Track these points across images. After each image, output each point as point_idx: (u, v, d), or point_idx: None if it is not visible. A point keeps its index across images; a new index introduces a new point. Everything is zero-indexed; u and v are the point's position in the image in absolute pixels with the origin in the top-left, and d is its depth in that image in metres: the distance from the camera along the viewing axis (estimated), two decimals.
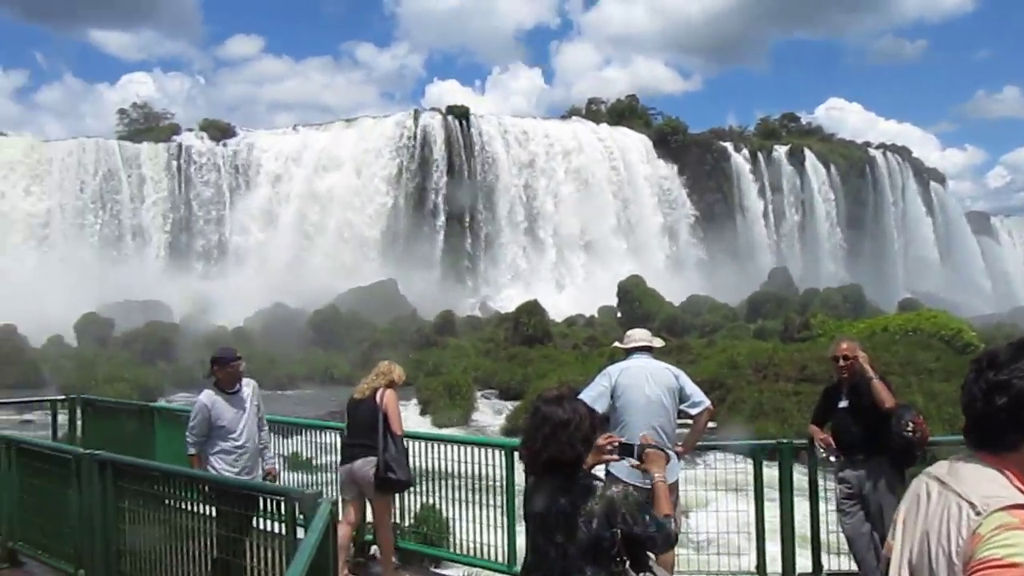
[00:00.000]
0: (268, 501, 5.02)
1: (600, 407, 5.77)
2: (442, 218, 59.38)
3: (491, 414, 27.95)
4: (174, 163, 58.47)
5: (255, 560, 5.06)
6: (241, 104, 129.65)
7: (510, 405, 27.79)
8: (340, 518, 6.39)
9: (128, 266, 53.14)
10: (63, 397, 10.94)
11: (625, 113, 72.33)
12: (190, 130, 62.20)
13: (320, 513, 4.22)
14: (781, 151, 71.93)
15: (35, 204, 54.74)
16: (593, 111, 73.73)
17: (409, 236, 58.19)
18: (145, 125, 65.68)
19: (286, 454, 8.79)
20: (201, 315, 44.07)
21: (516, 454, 6.49)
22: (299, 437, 8.31)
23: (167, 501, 5.76)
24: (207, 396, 6.55)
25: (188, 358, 35.61)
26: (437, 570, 7.47)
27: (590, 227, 62.06)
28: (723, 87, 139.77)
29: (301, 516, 4.67)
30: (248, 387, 6.70)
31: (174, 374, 33.95)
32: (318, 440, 8.14)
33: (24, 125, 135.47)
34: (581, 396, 5.86)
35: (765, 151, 71.35)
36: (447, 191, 59.50)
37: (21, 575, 7.10)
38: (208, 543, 5.51)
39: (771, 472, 6.63)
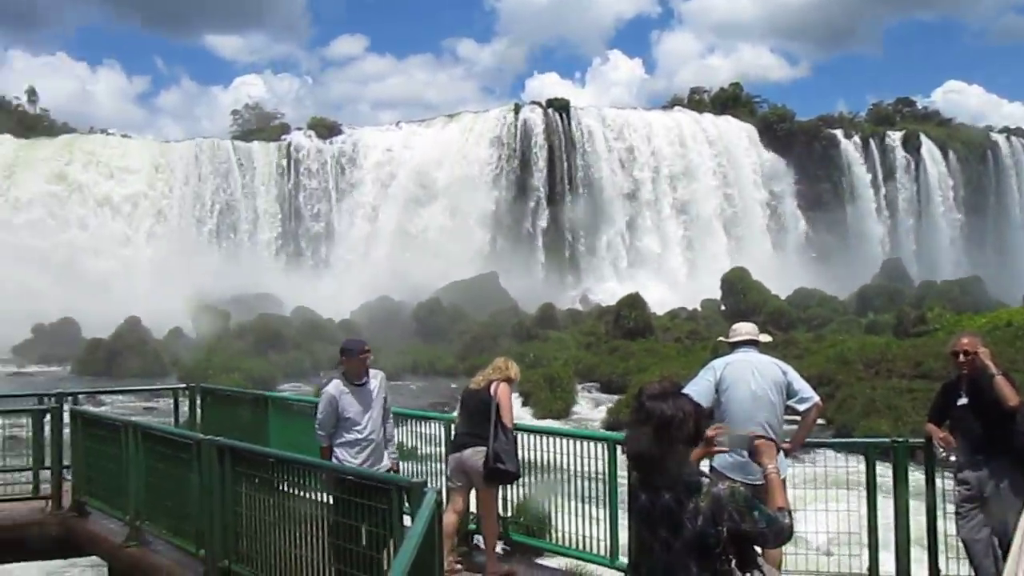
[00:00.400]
0: (375, 489, 5.14)
1: (704, 402, 5.69)
2: (543, 212, 59.48)
3: (592, 407, 27.90)
4: (283, 161, 60.60)
5: (363, 546, 5.20)
6: (346, 103, 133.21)
7: (612, 398, 27.69)
8: (446, 506, 6.54)
9: (242, 261, 55.38)
10: (184, 386, 11.49)
11: (729, 102, 70.74)
12: (299, 129, 64.37)
13: (426, 502, 4.30)
14: (895, 137, 68.84)
15: (155, 203, 57.66)
16: (696, 100, 72.42)
17: (510, 230, 58.53)
18: (256, 125, 68.37)
19: None
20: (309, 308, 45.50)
21: (619, 447, 6.46)
22: (403, 427, 8.48)
23: (280, 486, 5.98)
24: (335, 387, 6.48)
25: (298, 350, 36.99)
26: (539, 561, 7.50)
27: (692, 218, 60.99)
28: (833, 73, 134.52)
29: (407, 505, 4.79)
30: (376, 379, 6.61)
31: (285, 365, 35.20)
32: (422, 430, 8.29)
33: (146, 128, 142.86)
34: (684, 391, 5.81)
35: (877, 137, 68.47)
36: (548, 183, 59.55)
37: (148, 553, 7.49)
38: (319, 528, 5.70)
39: (883, 471, 6.40)
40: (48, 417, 9.23)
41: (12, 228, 54.09)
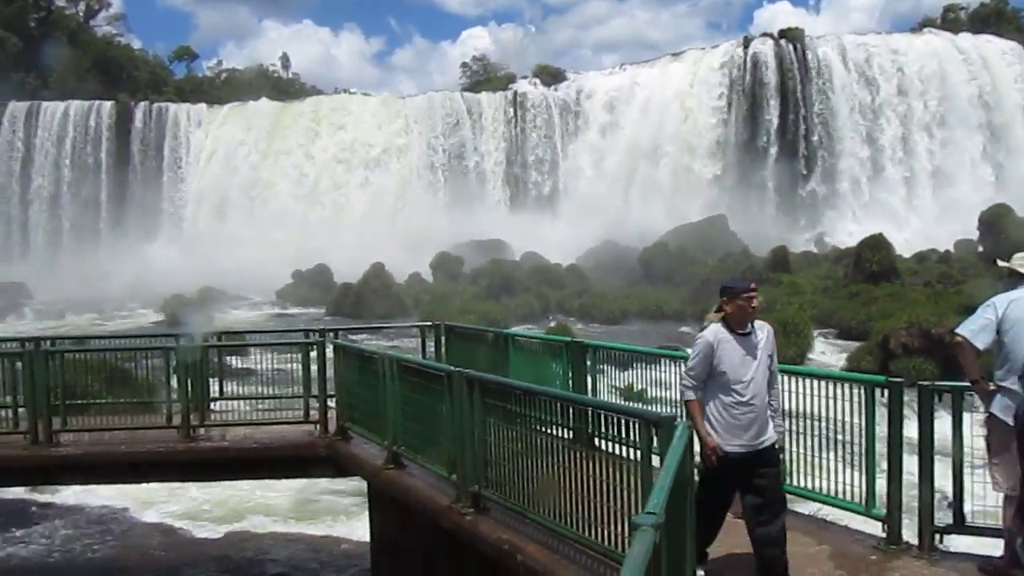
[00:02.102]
0: (623, 423, 5.15)
1: (982, 342, 5.23)
2: (774, 150, 56.56)
3: (830, 354, 26.63)
4: (510, 109, 61.90)
5: (608, 480, 5.25)
6: (569, 48, 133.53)
7: (851, 345, 26.23)
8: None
9: (473, 209, 57.54)
10: (430, 323, 12.17)
11: (991, 18, 63.12)
12: (524, 77, 65.33)
13: (677, 436, 4.25)
14: None
15: (394, 156, 61.14)
16: (951, 20, 65.30)
17: (739, 171, 56.30)
18: (484, 76, 70.28)
19: (620, 385, 9.02)
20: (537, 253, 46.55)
21: (878, 391, 6.06)
22: (637, 367, 8.47)
23: (526, 418, 6.15)
24: (713, 332, 5.39)
25: (527, 293, 38.24)
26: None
27: (945, 152, 55.41)
28: None
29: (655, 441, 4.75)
30: (762, 331, 5.51)
31: (516, 308, 36.42)
32: (654, 370, 8.23)
33: (383, 86, 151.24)
34: (959, 330, 5.31)
35: None
36: (780, 121, 56.52)
37: (404, 476, 8.07)
38: (562, 460, 5.83)
39: None
40: (314, 350, 10.15)
41: (273, 184, 59.78)
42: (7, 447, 9.83)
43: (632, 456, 5.04)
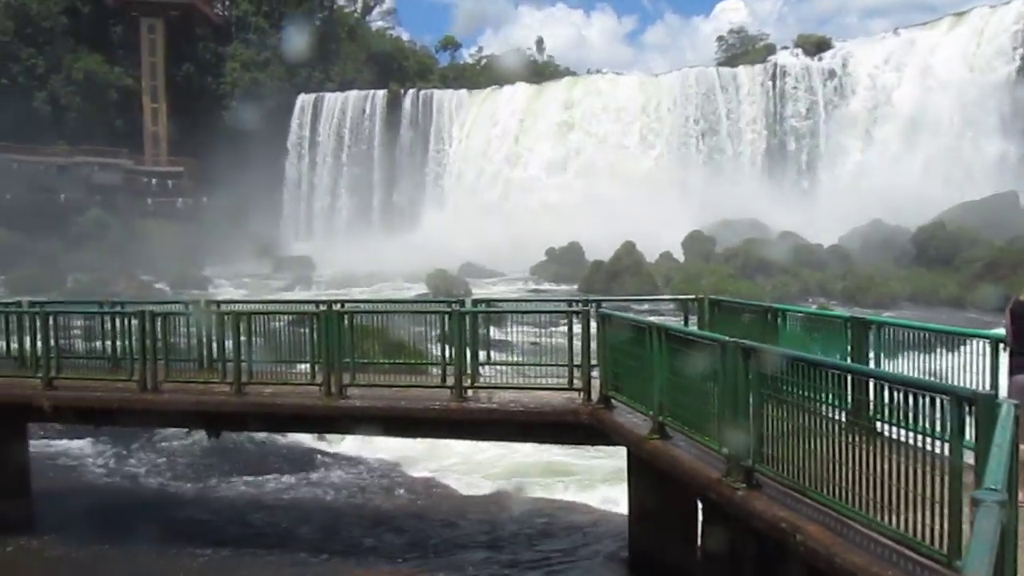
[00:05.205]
0: (928, 400, 4.70)
1: None
2: None
3: None
4: (769, 83, 59.23)
5: (905, 461, 4.85)
6: (832, 16, 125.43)
7: None
8: None
9: (728, 187, 55.84)
10: (694, 296, 11.93)
11: None
12: (785, 48, 62.25)
13: (1003, 416, 3.79)
14: None
15: (647, 134, 60.76)
16: None
17: None
18: (741, 49, 67.80)
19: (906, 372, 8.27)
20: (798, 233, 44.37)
21: None
22: (918, 356, 7.74)
23: (807, 393, 5.80)
24: None
25: (785, 274, 36.53)
26: None
27: None
28: None
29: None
30: None
31: (772, 289, 34.98)
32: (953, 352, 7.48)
33: (635, 65, 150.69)
34: None
35: None
36: None
37: (669, 447, 7.95)
38: (850, 439, 5.45)
39: None
40: (579, 320, 10.28)
41: (528, 164, 61.72)
42: (305, 397, 10.92)
43: (935, 438, 4.60)
